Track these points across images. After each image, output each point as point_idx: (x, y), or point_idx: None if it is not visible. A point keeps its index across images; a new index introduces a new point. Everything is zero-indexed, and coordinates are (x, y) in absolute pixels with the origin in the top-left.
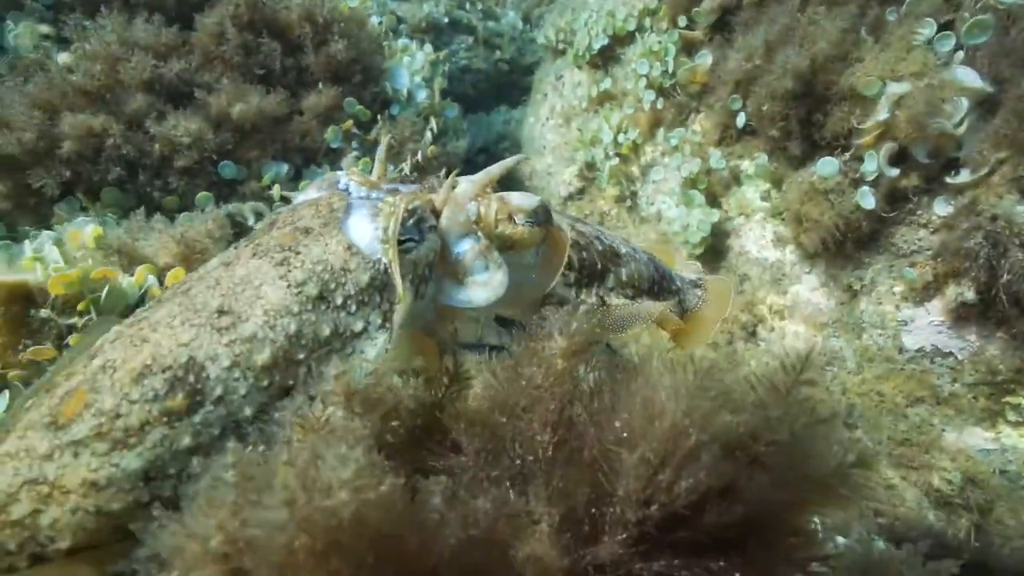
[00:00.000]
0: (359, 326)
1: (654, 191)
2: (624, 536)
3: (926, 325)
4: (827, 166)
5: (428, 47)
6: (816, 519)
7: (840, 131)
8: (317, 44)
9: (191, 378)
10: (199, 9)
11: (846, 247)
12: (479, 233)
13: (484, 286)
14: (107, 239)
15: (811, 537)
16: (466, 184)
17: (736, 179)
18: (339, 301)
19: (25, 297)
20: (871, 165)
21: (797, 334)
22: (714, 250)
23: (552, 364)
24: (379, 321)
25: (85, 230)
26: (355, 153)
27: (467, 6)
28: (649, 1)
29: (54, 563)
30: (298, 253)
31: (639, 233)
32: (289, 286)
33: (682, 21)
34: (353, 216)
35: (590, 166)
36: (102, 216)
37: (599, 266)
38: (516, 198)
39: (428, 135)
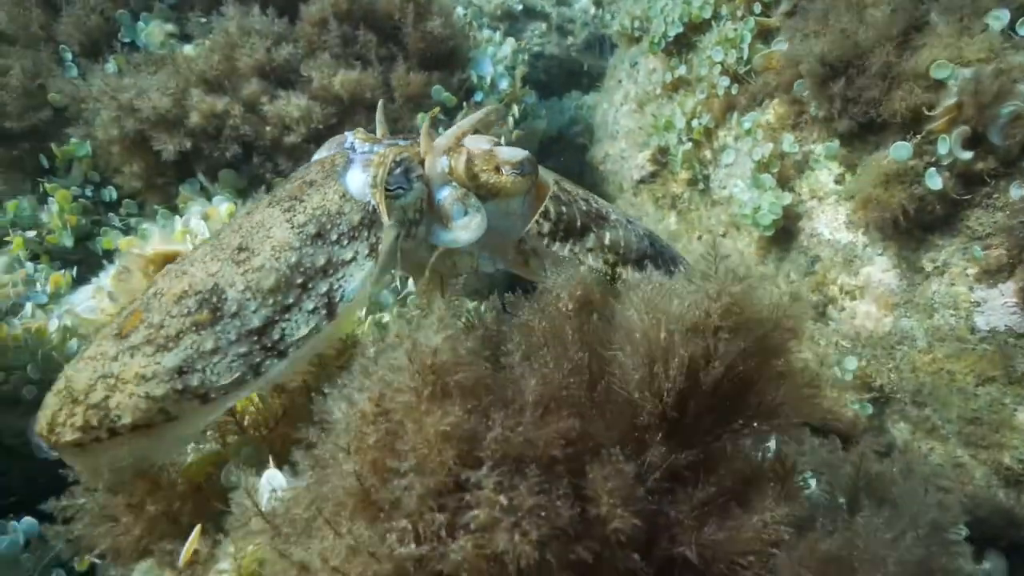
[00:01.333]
0: (348, 256)
1: (726, 175)
2: (660, 436)
3: (999, 306)
4: (900, 150)
5: (511, 39)
6: None
7: (906, 113)
8: (415, 20)
9: (214, 299)
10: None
11: (919, 229)
12: (454, 182)
13: (465, 228)
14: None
15: (796, 375)
16: (441, 138)
17: (809, 162)
18: (333, 237)
19: None
20: (943, 148)
21: (868, 314)
22: (785, 232)
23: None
24: (366, 251)
25: (221, 207)
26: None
27: None
28: None
29: (124, 436)
30: (302, 201)
31: (711, 215)
32: (292, 227)
33: (757, 8)
34: (351, 169)
35: (663, 151)
36: (221, 195)
37: (579, 223)
38: (505, 151)
39: (511, 121)
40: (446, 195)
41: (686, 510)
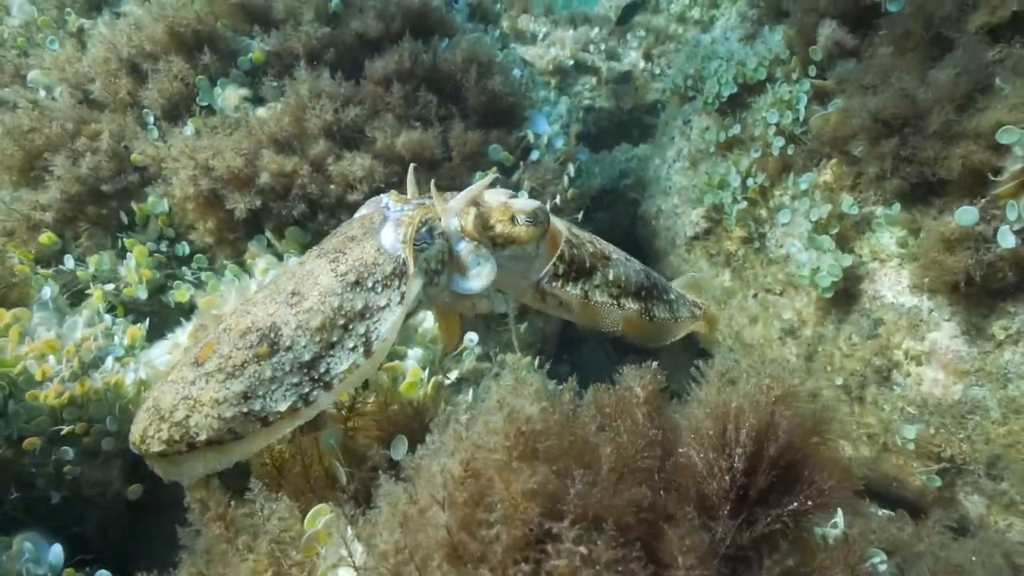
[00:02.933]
0: (383, 302)
1: (783, 233)
2: (727, 510)
3: None
4: (966, 215)
5: (566, 98)
6: None
7: (964, 174)
8: (478, 77)
9: (272, 335)
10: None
11: (988, 295)
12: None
13: (477, 277)
14: None
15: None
16: (453, 201)
17: (869, 224)
18: (369, 285)
19: None
20: (1013, 214)
21: (936, 380)
22: (845, 294)
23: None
24: (398, 299)
25: (290, 262)
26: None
27: (591, 48)
28: (780, 50)
29: (200, 450)
30: (345, 253)
31: (767, 274)
32: (336, 276)
33: (812, 71)
34: (385, 226)
35: (717, 208)
36: (288, 252)
37: (588, 264)
38: (518, 203)
39: (566, 179)
40: (462, 248)
41: None
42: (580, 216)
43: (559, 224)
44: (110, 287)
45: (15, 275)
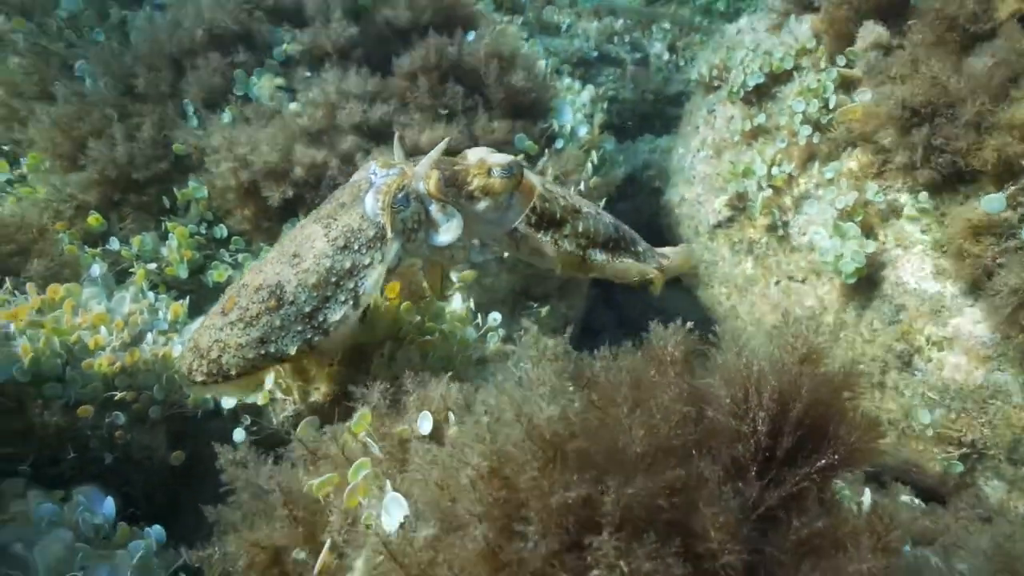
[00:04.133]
0: (367, 261)
1: (806, 222)
2: (755, 472)
3: None
4: (993, 202)
5: (591, 87)
6: None
7: (997, 164)
8: (499, 74)
9: (278, 291)
10: (398, 54)
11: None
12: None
13: (447, 231)
14: None
15: (867, 421)
16: (418, 167)
17: (894, 211)
18: (356, 247)
19: None
20: None
21: (958, 366)
22: (868, 280)
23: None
24: (379, 257)
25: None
26: None
27: (615, 39)
28: (807, 40)
29: (232, 381)
30: (335, 219)
31: (789, 261)
32: (328, 240)
33: (840, 60)
34: (369, 193)
35: (741, 196)
36: None
37: (558, 216)
38: (495, 157)
39: (589, 167)
40: (432, 207)
41: (784, 548)
42: (602, 204)
43: (534, 179)
44: (152, 266)
45: (67, 254)
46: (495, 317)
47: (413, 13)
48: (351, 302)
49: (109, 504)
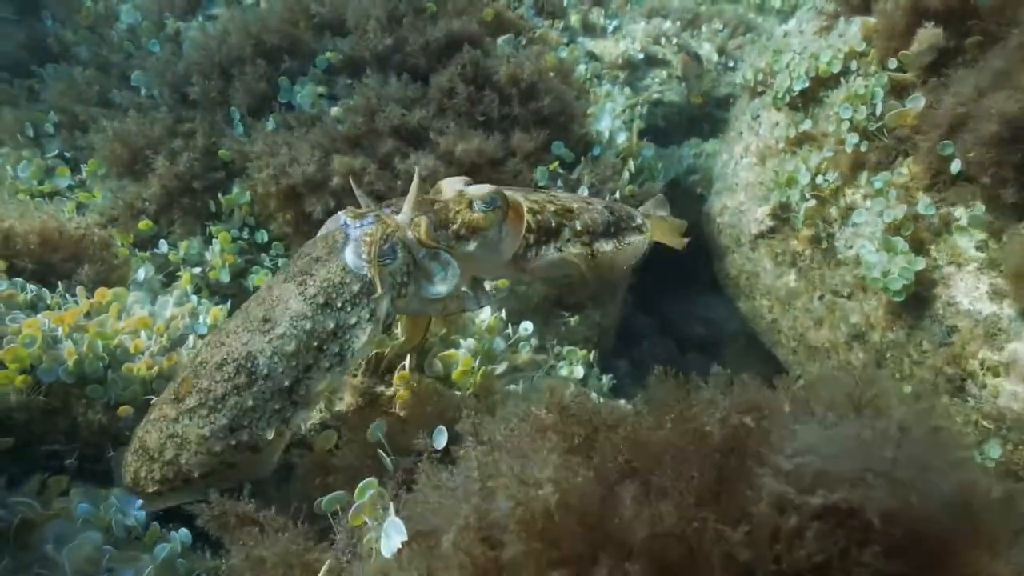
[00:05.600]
0: (353, 320)
1: (853, 234)
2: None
3: None
4: None
5: (628, 90)
6: None
7: None
8: (523, 100)
9: (249, 364)
10: (436, 67)
11: None
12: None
13: (443, 281)
14: None
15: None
16: (401, 216)
17: (947, 226)
18: (339, 305)
19: None
20: None
21: (1015, 394)
22: (917, 298)
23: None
24: (367, 315)
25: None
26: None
27: (662, 41)
28: (856, 43)
29: (195, 482)
30: (312, 275)
31: (834, 275)
32: (305, 299)
33: (892, 64)
34: (348, 246)
35: (784, 206)
36: None
37: (553, 224)
38: (473, 190)
39: (626, 175)
40: (423, 256)
41: None
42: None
43: (517, 197)
44: (198, 270)
45: (117, 257)
46: (527, 327)
47: (450, 24)
48: (337, 368)
49: (138, 506)
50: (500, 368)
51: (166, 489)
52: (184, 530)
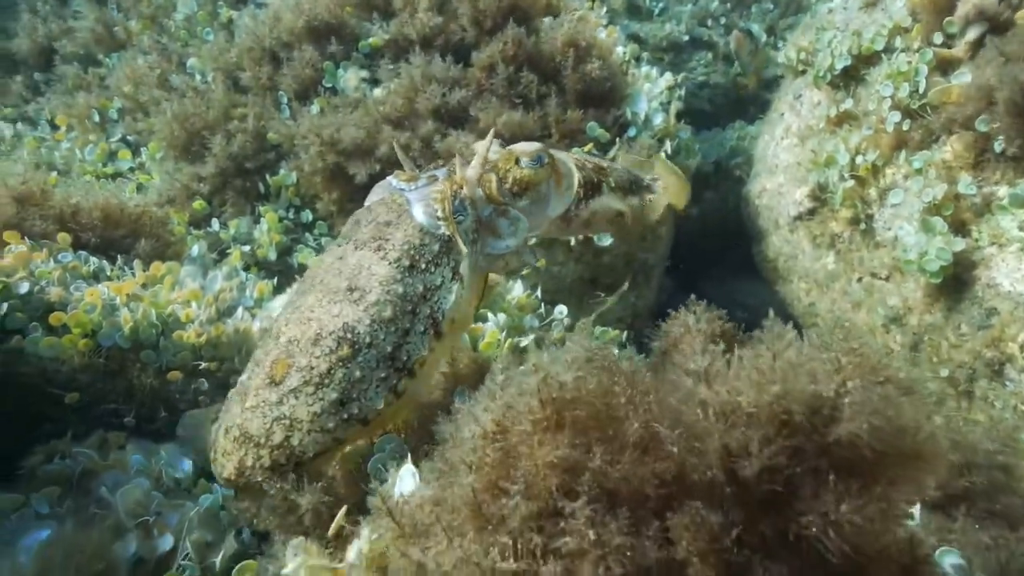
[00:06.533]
0: (438, 281)
1: (892, 215)
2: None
3: None
4: None
5: (668, 74)
6: None
7: None
8: (575, 63)
9: (349, 335)
10: (482, 41)
11: None
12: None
13: (512, 235)
14: None
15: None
16: (470, 171)
17: (989, 206)
18: (423, 266)
19: None
20: None
21: None
22: (957, 280)
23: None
24: (449, 275)
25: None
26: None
27: (709, 22)
28: (902, 18)
29: (306, 464)
30: (387, 239)
31: (873, 257)
32: (390, 263)
33: (937, 39)
34: (415, 206)
35: (823, 187)
36: None
37: (595, 180)
38: (519, 147)
39: (662, 155)
40: (489, 212)
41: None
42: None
43: (561, 155)
44: (247, 248)
45: (173, 235)
46: (561, 310)
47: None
48: (431, 330)
49: (187, 462)
50: (526, 340)
51: (280, 473)
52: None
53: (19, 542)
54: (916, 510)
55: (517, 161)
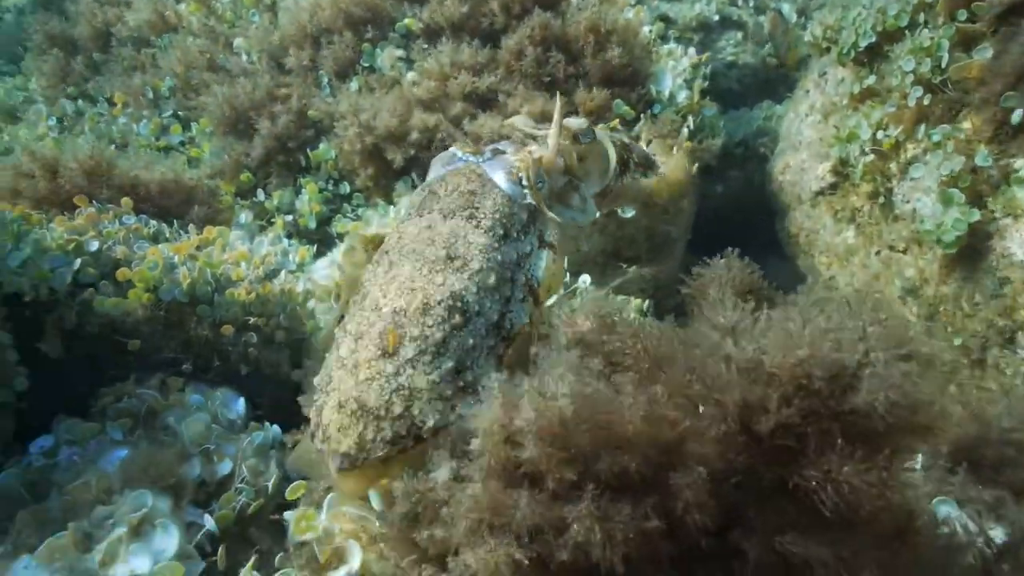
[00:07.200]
0: (528, 248)
1: (911, 188)
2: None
3: None
4: None
5: (692, 51)
6: None
7: None
8: (596, 50)
9: (459, 304)
10: (510, 27)
11: None
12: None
13: (583, 211)
14: None
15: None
16: (551, 141)
17: (1007, 179)
18: (514, 235)
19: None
20: None
21: None
22: (972, 251)
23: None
24: (536, 242)
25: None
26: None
27: (739, 2)
28: None
29: (426, 441)
30: (477, 208)
31: (891, 231)
32: (485, 231)
33: (962, 15)
34: (497, 175)
35: (844, 162)
36: None
37: (624, 156)
38: (572, 122)
39: (684, 131)
40: (564, 183)
41: (769, 519)
42: (694, 168)
43: (598, 133)
44: (289, 218)
45: (222, 204)
46: (584, 279)
47: None
48: (529, 298)
49: (241, 404)
50: (551, 300)
51: (401, 447)
52: (276, 427)
53: (102, 459)
54: (918, 460)
55: (576, 137)
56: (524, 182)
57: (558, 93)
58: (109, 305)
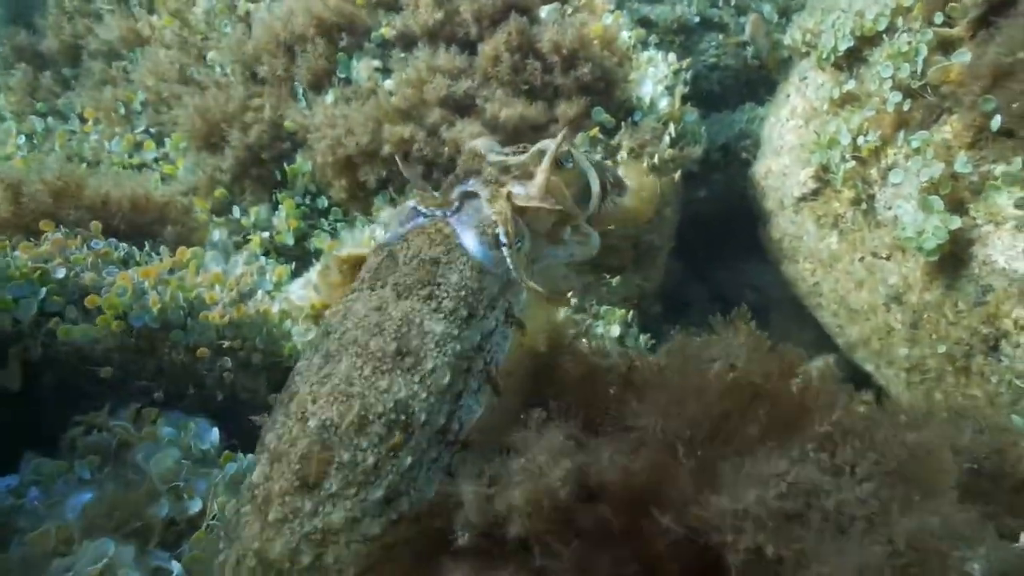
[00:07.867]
0: (492, 325)
1: (893, 194)
2: None
3: None
4: None
5: (672, 56)
6: None
7: None
8: (565, 69)
9: (403, 417)
10: (485, 35)
11: None
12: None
13: (581, 242)
14: None
15: None
16: (534, 187)
17: (987, 184)
18: (481, 313)
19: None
20: None
21: None
22: (954, 258)
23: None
24: (503, 317)
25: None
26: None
27: (720, 3)
28: None
29: None
30: (439, 285)
31: (874, 237)
32: (445, 316)
33: (939, 18)
34: (468, 237)
35: (825, 168)
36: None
37: (602, 178)
38: (549, 146)
39: (666, 139)
40: (549, 227)
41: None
42: (677, 176)
43: (576, 153)
44: (266, 234)
45: (196, 222)
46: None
47: None
48: (488, 386)
49: (215, 434)
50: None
51: None
52: (251, 455)
53: (66, 502)
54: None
55: (558, 162)
56: (502, 239)
57: (565, 130)
58: (77, 333)
